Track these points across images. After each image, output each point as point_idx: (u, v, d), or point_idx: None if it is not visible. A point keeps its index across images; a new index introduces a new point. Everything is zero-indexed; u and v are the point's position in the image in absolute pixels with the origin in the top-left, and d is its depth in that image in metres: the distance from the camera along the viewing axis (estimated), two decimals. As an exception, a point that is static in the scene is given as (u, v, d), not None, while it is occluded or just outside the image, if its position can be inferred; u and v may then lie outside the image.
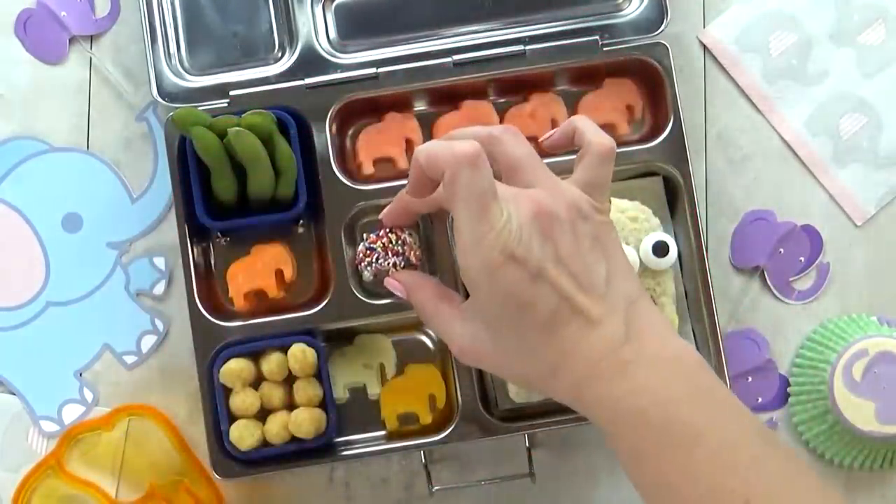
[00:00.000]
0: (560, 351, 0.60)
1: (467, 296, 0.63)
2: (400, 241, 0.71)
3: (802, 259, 0.82)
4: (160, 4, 0.79)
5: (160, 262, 0.81)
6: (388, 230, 0.71)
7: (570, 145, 0.66)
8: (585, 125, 0.65)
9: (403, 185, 0.68)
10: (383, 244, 0.71)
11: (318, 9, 0.80)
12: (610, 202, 0.65)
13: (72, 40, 0.82)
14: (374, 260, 0.71)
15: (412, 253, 0.71)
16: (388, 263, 0.70)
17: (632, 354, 0.59)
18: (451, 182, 0.59)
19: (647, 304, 0.61)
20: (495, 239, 0.58)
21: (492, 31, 0.80)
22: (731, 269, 0.82)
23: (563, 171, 0.65)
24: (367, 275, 0.72)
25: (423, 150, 0.61)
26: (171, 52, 0.79)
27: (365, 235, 0.72)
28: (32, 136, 0.82)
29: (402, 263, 0.71)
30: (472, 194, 0.58)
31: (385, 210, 0.70)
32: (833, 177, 0.82)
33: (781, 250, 0.82)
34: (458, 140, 0.60)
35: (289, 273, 0.78)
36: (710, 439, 0.57)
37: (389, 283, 0.69)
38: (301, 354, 0.74)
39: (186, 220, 0.77)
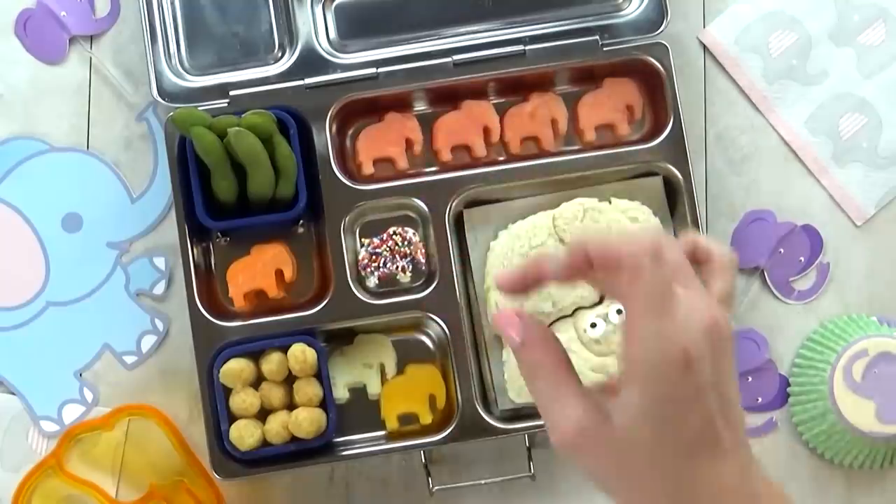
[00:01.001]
0: (686, 483, 0.55)
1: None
2: (406, 242, 0.71)
3: (802, 259, 0.82)
4: (160, 4, 0.79)
5: (160, 262, 0.81)
6: (391, 232, 0.71)
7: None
8: (701, 238, 0.60)
9: (403, 185, 0.67)
10: (389, 247, 0.71)
11: (318, 9, 0.80)
12: (611, 202, 0.64)
13: (72, 40, 0.82)
14: (380, 265, 0.71)
15: (419, 252, 0.71)
16: (397, 267, 0.70)
17: (758, 488, 0.55)
18: (634, 273, 0.54)
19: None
20: (678, 335, 0.53)
21: (492, 31, 0.80)
22: (731, 269, 0.82)
23: (563, 171, 0.65)
24: (373, 280, 0.72)
25: (592, 239, 0.55)
26: (171, 52, 0.79)
27: (366, 241, 0.72)
28: (32, 136, 0.82)
29: (410, 266, 0.71)
30: (657, 286, 0.53)
31: (504, 276, 0.58)
32: (833, 177, 0.82)
33: (781, 250, 0.81)
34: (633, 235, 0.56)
35: (289, 273, 0.78)
36: None
37: (500, 319, 0.55)
38: (301, 354, 0.74)
39: (186, 220, 0.77)
